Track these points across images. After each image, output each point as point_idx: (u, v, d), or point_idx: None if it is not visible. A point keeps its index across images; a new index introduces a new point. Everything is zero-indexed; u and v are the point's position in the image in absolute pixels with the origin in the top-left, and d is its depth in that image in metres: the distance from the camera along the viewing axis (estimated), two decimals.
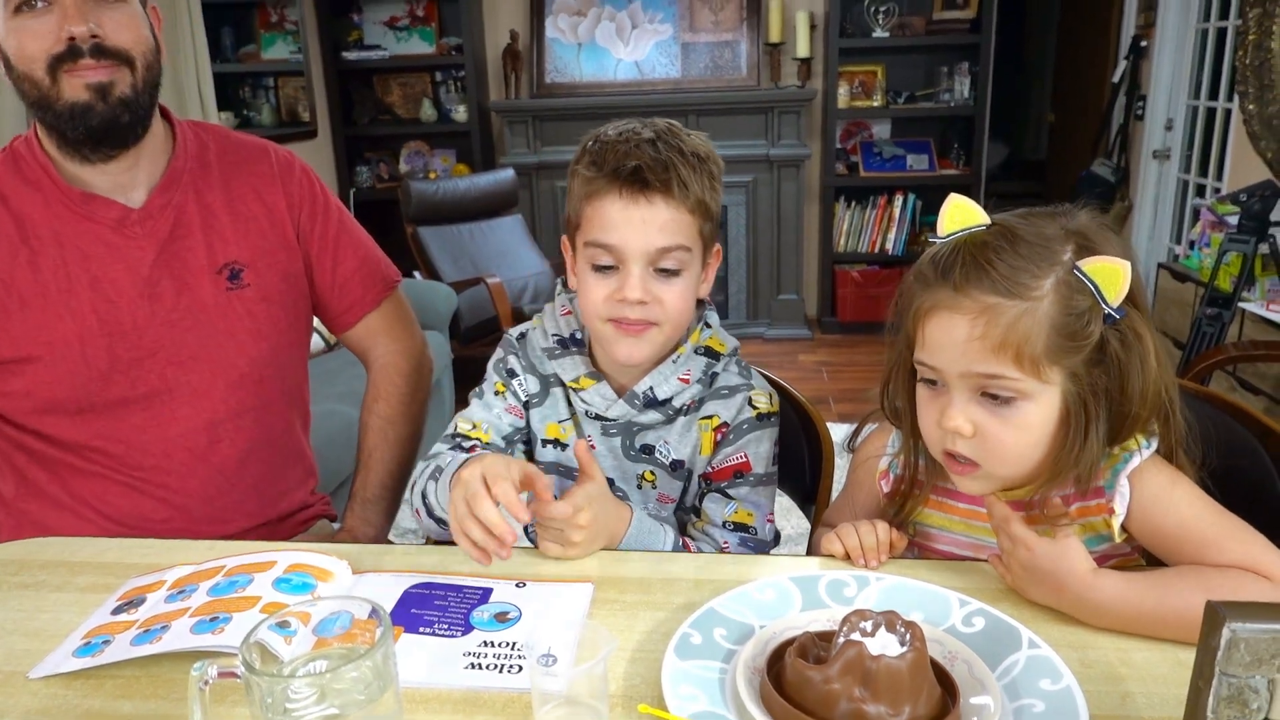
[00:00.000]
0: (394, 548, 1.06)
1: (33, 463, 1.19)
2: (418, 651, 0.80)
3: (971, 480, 0.90)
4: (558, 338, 1.15)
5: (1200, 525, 0.85)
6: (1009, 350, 0.82)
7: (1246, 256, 2.84)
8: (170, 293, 1.19)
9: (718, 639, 0.79)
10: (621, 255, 1.02)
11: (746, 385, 1.15)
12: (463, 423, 1.14)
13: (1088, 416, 0.85)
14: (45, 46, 1.08)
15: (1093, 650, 0.79)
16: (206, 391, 1.21)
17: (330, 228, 1.33)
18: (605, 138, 1.06)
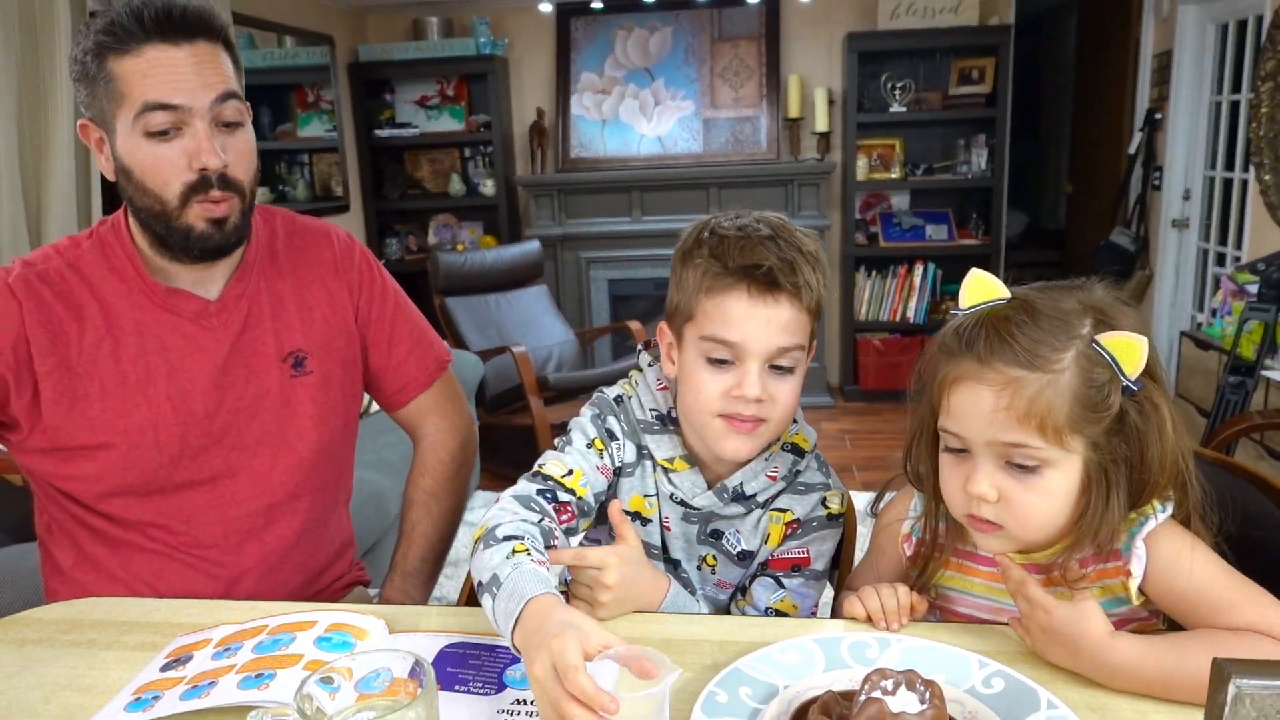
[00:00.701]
0: (429, 609, 1.09)
1: (94, 539, 1.20)
2: (453, 708, 0.83)
3: (994, 539, 0.93)
4: (655, 413, 1.15)
5: (1215, 588, 0.87)
6: (1033, 420, 0.86)
7: (1268, 325, 2.85)
8: (240, 381, 1.22)
9: (743, 698, 0.81)
10: (742, 352, 1.03)
11: (824, 485, 1.16)
12: (555, 466, 1.10)
13: (1109, 483, 0.89)
14: (179, 174, 1.11)
15: (1112, 713, 0.81)
16: (267, 475, 1.25)
17: (387, 311, 1.36)
18: (723, 230, 1.06)
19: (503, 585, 0.89)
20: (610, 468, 1.14)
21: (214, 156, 1.11)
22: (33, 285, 1.13)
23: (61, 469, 1.16)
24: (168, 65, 1.09)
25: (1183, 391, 3.70)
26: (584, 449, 1.12)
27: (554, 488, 1.08)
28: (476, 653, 0.92)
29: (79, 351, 1.14)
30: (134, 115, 1.08)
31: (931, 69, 4.67)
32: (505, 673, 0.89)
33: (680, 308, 1.08)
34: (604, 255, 4.83)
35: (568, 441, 1.13)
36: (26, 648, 0.98)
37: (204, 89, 1.10)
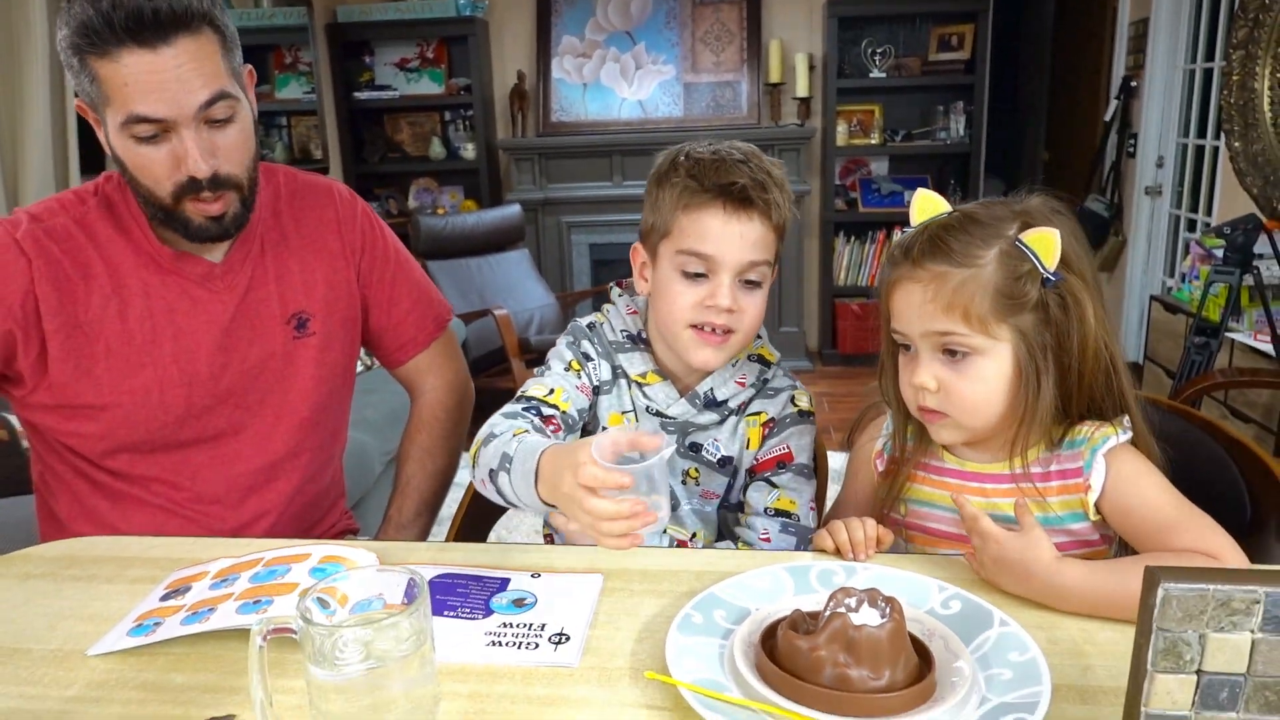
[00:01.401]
0: (419, 545, 1.14)
1: (95, 492, 1.23)
2: (443, 631, 0.88)
3: (943, 429, 1.03)
4: (626, 333, 1.23)
5: (1164, 509, 0.94)
6: (957, 310, 0.96)
7: (1232, 288, 2.92)
8: (244, 342, 1.24)
9: (717, 619, 0.86)
10: (715, 265, 1.10)
11: (791, 386, 1.25)
12: (537, 389, 1.17)
13: (1037, 369, 0.98)
14: (168, 176, 1.09)
15: (1060, 630, 0.87)
16: (269, 433, 1.27)
17: (389, 269, 1.37)
18: (698, 154, 1.13)
19: (514, 458, 0.97)
20: (589, 386, 1.21)
21: (200, 165, 1.08)
22: (41, 243, 1.13)
23: (66, 425, 1.18)
24: (147, 74, 1.03)
25: (1151, 354, 3.78)
26: (562, 372, 1.20)
27: (538, 405, 1.15)
28: (465, 582, 0.97)
29: (86, 311, 1.15)
30: (120, 121, 1.06)
31: (911, 35, 4.70)
32: (492, 599, 0.93)
33: (656, 226, 1.15)
34: (585, 219, 4.85)
35: (546, 369, 1.20)
36: (30, 581, 1.01)
37: (187, 95, 1.05)
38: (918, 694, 0.74)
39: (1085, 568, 0.90)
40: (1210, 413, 3.18)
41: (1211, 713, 0.63)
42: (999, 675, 0.77)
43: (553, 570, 1.00)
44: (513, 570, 1.00)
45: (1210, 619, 0.61)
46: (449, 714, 0.76)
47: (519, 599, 0.94)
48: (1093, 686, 0.78)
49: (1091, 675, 0.80)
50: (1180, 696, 0.63)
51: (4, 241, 1.12)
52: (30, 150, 2.87)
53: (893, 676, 0.74)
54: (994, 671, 0.78)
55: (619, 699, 0.78)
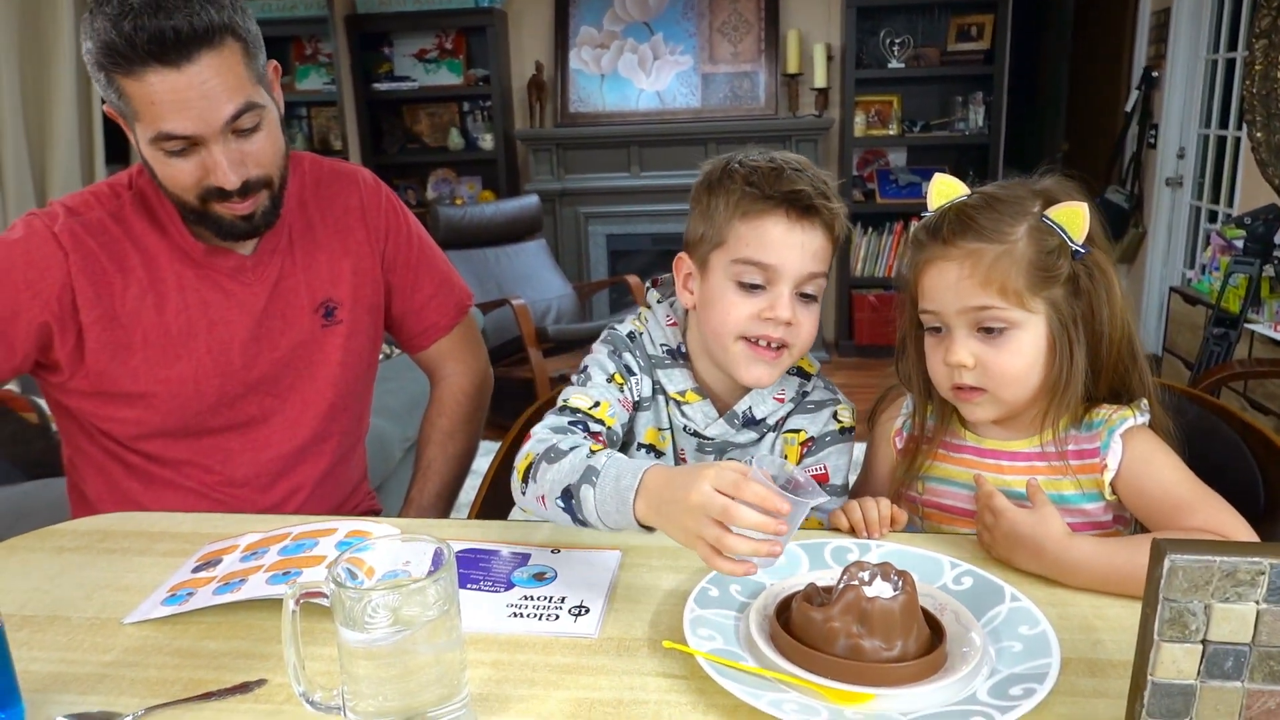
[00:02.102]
0: (442, 521, 1.16)
1: (128, 475, 1.25)
2: (466, 603, 0.90)
3: (978, 406, 1.04)
4: (666, 348, 1.18)
5: (1178, 489, 0.96)
6: (994, 284, 0.98)
7: (1252, 278, 2.92)
8: (275, 332, 1.26)
9: (733, 593, 0.88)
10: (775, 275, 1.06)
11: (833, 400, 1.20)
12: (581, 399, 1.11)
13: (1070, 339, 1.00)
14: (196, 185, 1.11)
15: (1071, 606, 0.88)
16: (298, 420, 1.30)
17: (412, 256, 1.39)
18: (752, 162, 1.09)
19: (603, 472, 0.90)
20: (630, 401, 1.16)
21: (229, 177, 1.10)
22: (79, 236, 1.15)
23: (101, 410, 1.21)
24: (172, 92, 1.04)
25: (1170, 346, 3.77)
26: (604, 383, 1.14)
27: (584, 419, 1.09)
28: (487, 557, 0.99)
29: (123, 304, 1.18)
30: (149, 137, 1.07)
31: (930, 25, 4.68)
32: (513, 573, 0.96)
33: (707, 235, 1.11)
34: (602, 210, 4.87)
35: (587, 378, 1.15)
36: (64, 555, 1.05)
37: (214, 111, 1.06)
38: (929, 664, 0.75)
39: (1096, 543, 0.92)
40: (1230, 403, 3.18)
41: (1217, 682, 0.65)
42: (1009, 648, 0.79)
43: (573, 546, 1.02)
44: (534, 546, 1.02)
45: (1216, 589, 0.63)
46: (473, 680, 0.79)
47: (539, 573, 0.96)
48: (1102, 660, 0.80)
49: (1101, 649, 0.82)
50: (1186, 665, 0.65)
51: (42, 235, 1.15)
52: (57, 143, 2.91)
53: (905, 647, 0.76)
54: (1004, 644, 0.79)
55: (637, 668, 0.80)
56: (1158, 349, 4.12)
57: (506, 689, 0.78)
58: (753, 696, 0.72)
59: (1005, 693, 0.73)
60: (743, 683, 0.74)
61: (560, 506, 0.93)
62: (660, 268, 5.15)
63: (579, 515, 0.92)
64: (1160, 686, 0.65)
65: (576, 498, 0.91)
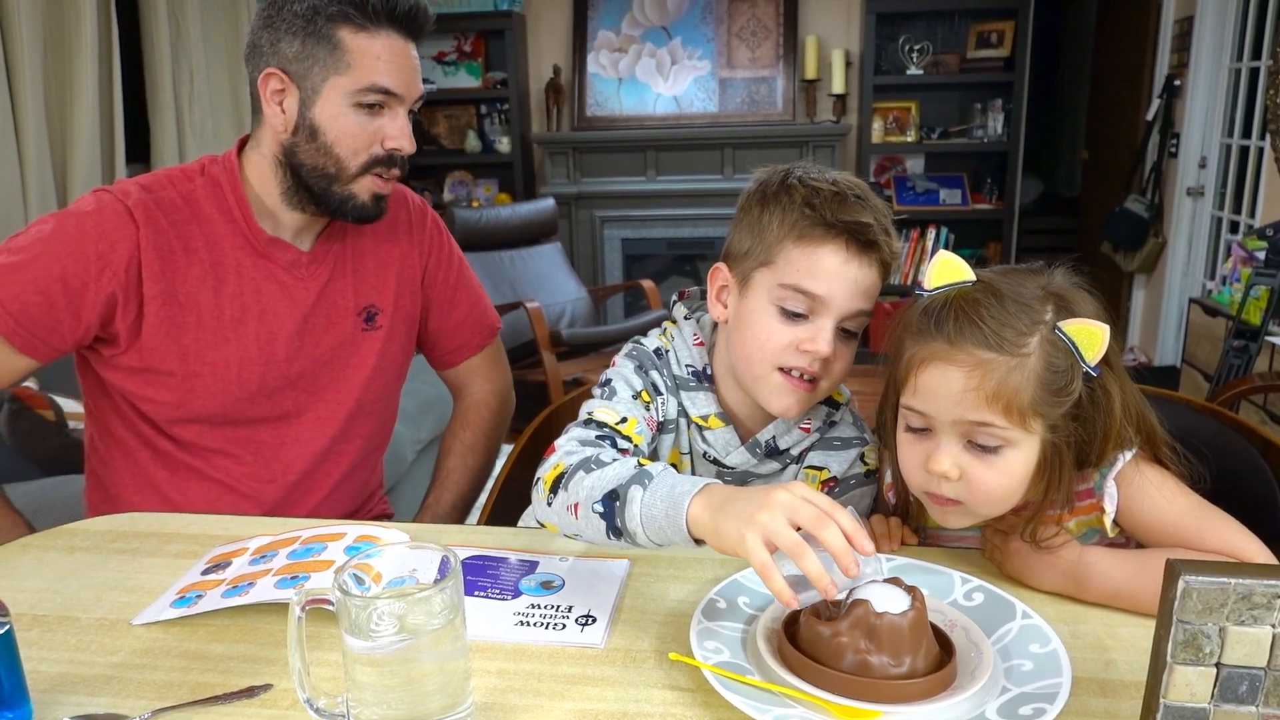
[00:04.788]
0: (450, 527, 1.16)
1: (156, 461, 1.27)
2: (472, 610, 0.90)
3: (953, 515, 0.96)
4: (691, 369, 1.13)
5: (1185, 518, 0.93)
6: (1000, 401, 0.88)
7: (1273, 290, 2.88)
8: (319, 330, 1.30)
9: (741, 605, 0.88)
10: (822, 307, 1.01)
11: (860, 440, 1.14)
12: (607, 413, 1.05)
13: (1062, 462, 0.92)
14: (370, 148, 1.20)
15: (1083, 625, 0.87)
16: (328, 418, 1.33)
17: (452, 276, 1.45)
18: (813, 181, 1.03)
19: (657, 478, 0.85)
20: (656, 420, 1.12)
21: (411, 143, 1.22)
22: (151, 212, 1.19)
23: (144, 389, 1.23)
24: (399, 56, 1.19)
25: (1189, 358, 3.73)
26: (630, 399, 1.09)
27: (611, 434, 1.04)
28: (495, 564, 0.99)
29: (184, 282, 1.21)
30: (354, 89, 1.17)
31: (950, 31, 4.66)
32: (521, 581, 0.95)
33: (753, 252, 1.05)
34: (618, 214, 4.87)
35: (612, 392, 1.09)
36: (76, 554, 1.05)
37: (416, 85, 1.21)
38: (938, 681, 0.75)
39: (1109, 555, 0.91)
40: (1249, 417, 3.14)
41: (1231, 706, 0.64)
42: (1019, 666, 0.78)
43: (583, 555, 1.02)
44: (542, 554, 1.02)
45: (1231, 612, 0.62)
46: (477, 689, 0.78)
47: (547, 581, 0.96)
48: (1114, 680, 0.79)
49: (1113, 669, 0.80)
50: (1199, 689, 0.64)
51: (116, 208, 1.18)
52: (79, 141, 2.94)
53: (913, 664, 0.75)
54: (1015, 662, 0.78)
55: (643, 679, 0.80)
56: (1176, 360, 4.08)
57: (511, 699, 0.78)
58: (758, 711, 0.71)
59: (1015, 712, 0.72)
60: (749, 697, 0.73)
61: (598, 512, 0.87)
62: (676, 272, 5.17)
63: (617, 521, 0.86)
64: (1173, 710, 0.64)
65: (622, 499, 0.85)
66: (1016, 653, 0.80)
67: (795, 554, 0.74)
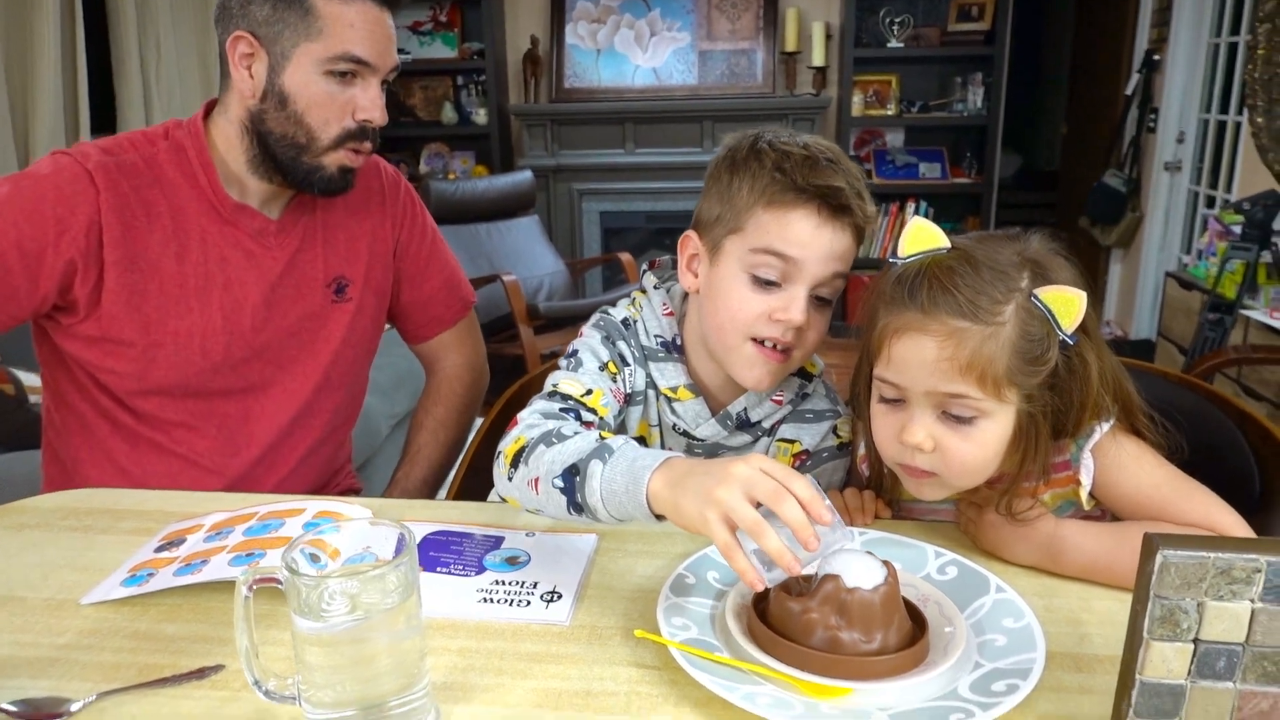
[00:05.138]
0: (414, 503, 1.13)
1: (116, 434, 1.23)
2: (435, 587, 0.87)
3: (928, 487, 0.94)
4: (661, 340, 1.11)
5: (1162, 490, 0.91)
6: (974, 371, 0.85)
7: (1249, 264, 2.89)
8: (288, 301, 1.26)
9: (710, 580, 0.86)
10: (795, 273, 0.98)
11: (833, 412, 1.13)
12: (572, 385, 1.03)
13: (1037, 433, 0.90)
14: (342, 119, 1.16)
15: (1057, 598, 0.86)
16: (295, 391, 1.29)
17: (425, 248, 1.41)
18: (784, 145, 1.00)
19: (618, 452, 0.83)
20: (623, 393, 1.09)
21: (383, 115, 1.18)
22: (112, 175, 1.15)
23: (104, 360, 1.19)
24: (374, 24, 1.15)
25: (1164, 331, 3.75)
26: (597, 371, 1.06)
27: (576, 407, 1.01)
28: (459, 539, 0.96)
29: (145, 248, 1.17)
30: (325, 56, 1.13)
31: (930, 5, 4.62)
32: (485, 557, 0.93)
33: (724, 218, 1.02)
34: (597, 187, 4.82)
35: (578, 363, 1.07)
36: (25, 532, 1.02)
37: (390, 54, 1.18)
38: (910, 657, 0.73)
39: (1085, 528, 0.90)
40: (1224, 390, 3.16)
41: (1208, 682, 0.62)
42: (993, 641, 0.76)
43: (550, 530, 0.99)
44: (508, 529, 0.99)
45: (1209, 587, 0.60)
46: (438, 669, 0.76)
47: (512, 557, 0.93)
48: (1088, 655, 0.77)
49: (1088, 643, 0.79)
50: (1176, 665, 0.62)
51: (75, 171, 1.13)
52: (40, 110, 2.86)
53: (885, 640, 0.73)
54: (988, 637, 0.77)
55: (608, 657, 0.78)
56: (1152, 334, 4.09)
57: (472, 677, 0.75)
58: (726, 689, 0.69)
59: (988, 688, 0.70)
60: (716, 675, 0.71)
61: (558, 487, 0.85)
62: (654, 246, 5.13)
63: (578, 496, 0.84)
64: (1149, 686, 0.63)
65: (582, 474, 0.83)
66: (990, 627, 0.78)
67: (755, 532, 0.72)
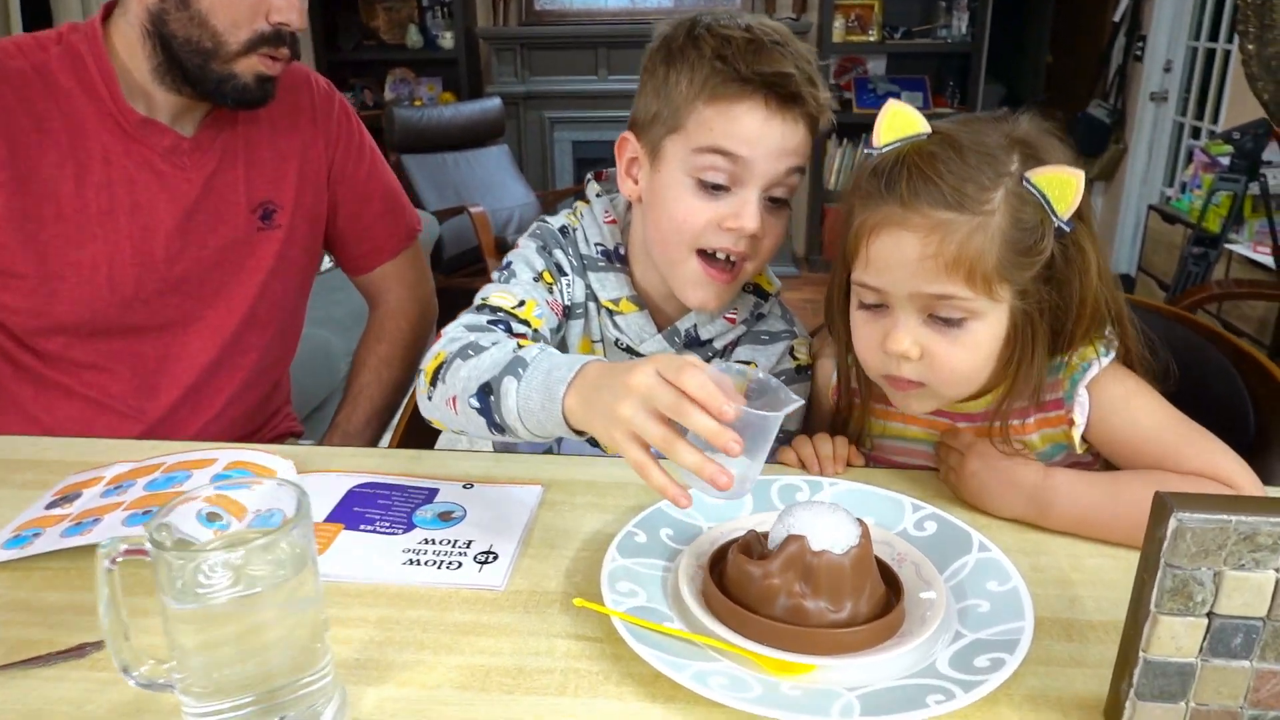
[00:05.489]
0: (342, 450, 1.04)
1: (19, 377, 1.13)
2: (356, 548, 0.78)
3: (915, 399, 0.86)
4: (601, 248, 1.02)
5: (1162, 433, 0.83)
6: (962, 268, 0.78)
7: (1236, 196, 2.81)
8: (206, 228, 1.15)
9: (663, 538, 0.77)
10: (744, 174, 0.89)
11: (789, 333, 1.05)
12: (502, 297, 0.94)
13: (1034, 332, 0.83)
14: (253, 21, 1.04)
15: (1045, 556, 0.78)
16: (219, 328, 1.18)
17: (362, 169, 1.29)
18: (724, 30, 0.89)
19: (532, 365, 0.75)
20: (561, 304, 1.00)
21: (301, 18, 1.07)
22: None
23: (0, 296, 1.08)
24: None
25: (1145, 266, 3.68)
26: (531, 281, 0.98)
27: (506, 319, 0.92)
28: (387, 492, 0.87)
29: (38, 168, 1.05)
30: None
31: None
32: (416, 512, 0.84)
33: (662, 116, 0.92)
34: (568, 115, 4.66)
35: (511, 274, 0.98)
36: None
37: None
38: (882, 628, 0.65)
39: (1077, 477, 0.81)
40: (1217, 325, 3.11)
41: (1222, 660, 0.54)
42: (976, 607, 0.68)
43: (490, 480, 0.90)
44: (444, 480, 0.90)
45: (1230, 555, 0.52)
46: (351, 643, 0.67)
47: (445, 512, 0.84)
48: (1079, 621, 0.70)
49: (1079, 607, 0.71)
50: (1186, 642, 0.54)
51: None
52: None
53: (855, 609, 0.65)
54: (970, 603, 0.69)
55: (546, 628, 0.69)
56: (1132, 269, 4.03)
57: (389, 653, 0.66)
58: (674, 667, 0.61)
59: (969, 663, 0.62)
60: (664, 650, 0.63)
61: (474, 407, 0.78)
62: None
63: (495, 416, 0.77)
64: (1154, 665, 0.55)
65: (496, 393, 0.76)
66: (973, 591, 0.70)
67: (665, 450, 0.64)
